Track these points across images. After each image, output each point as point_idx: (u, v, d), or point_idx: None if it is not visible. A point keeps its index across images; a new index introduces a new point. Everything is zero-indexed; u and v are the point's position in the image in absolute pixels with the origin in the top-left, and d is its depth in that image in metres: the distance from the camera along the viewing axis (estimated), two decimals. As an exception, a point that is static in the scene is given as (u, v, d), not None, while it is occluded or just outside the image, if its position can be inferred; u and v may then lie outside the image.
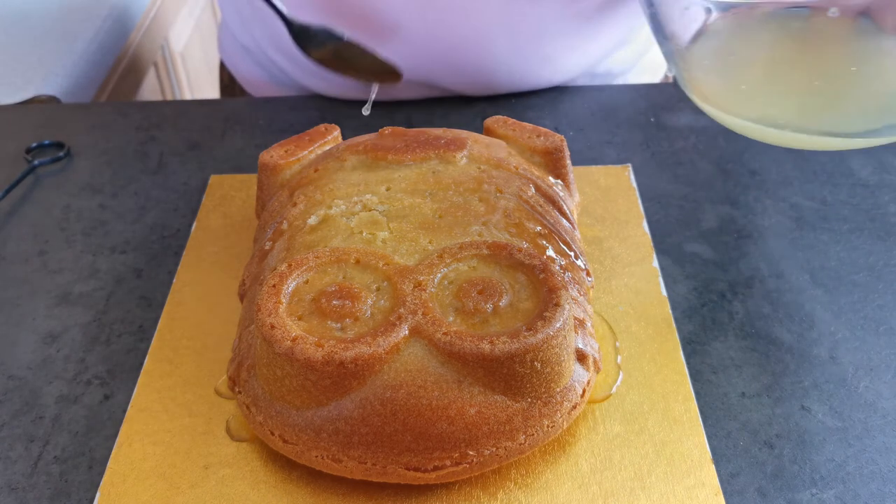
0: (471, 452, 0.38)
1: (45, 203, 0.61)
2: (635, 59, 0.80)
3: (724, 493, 0.40)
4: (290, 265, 0.42)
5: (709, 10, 0.43)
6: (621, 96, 0.71)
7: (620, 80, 0.81)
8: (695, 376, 0.46)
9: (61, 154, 0.65)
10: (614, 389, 0.44)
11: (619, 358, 0.46)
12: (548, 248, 0.45)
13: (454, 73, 0.69)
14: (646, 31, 0.76)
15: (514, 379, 0.38)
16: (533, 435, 0.39)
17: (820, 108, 0.44)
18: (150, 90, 1.14)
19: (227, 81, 0.87)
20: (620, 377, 0.45)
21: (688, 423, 0.43)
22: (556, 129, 0.67)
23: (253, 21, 0.74)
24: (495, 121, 0.53)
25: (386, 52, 0.68)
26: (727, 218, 0.57)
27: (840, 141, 0.44)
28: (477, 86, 0.70)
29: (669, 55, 0.47)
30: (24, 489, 0.41)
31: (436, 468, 0.38)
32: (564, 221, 0.48)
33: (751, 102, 0.45)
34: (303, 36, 0.49)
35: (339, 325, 0.39)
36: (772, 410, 0.44)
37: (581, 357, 0.41)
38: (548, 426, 0.39)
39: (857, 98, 0.44)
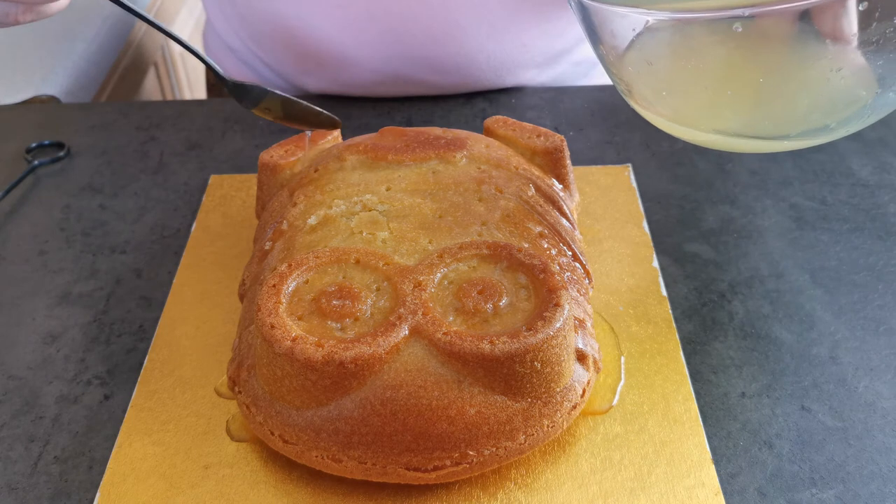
0: (471, 452, 0.38)
1: (45, 203, 0.61)
2: None
3: (724, 493, 0.40)
4: (290, 265, 0.42)
5: (647, 21, 0.42)
6: (622, 96, 0.71)
7: None
8: (695, 376, 0.46)
9: (61, 154, 0.65)
10: (616, 397, 0.44)
11: (622, 360, 0.46)
12: (548, 248, 0.45)
13: (433, 67, 0.69)
14: None
15: (514, 379, 0.38)
16: (533, 435, 0.39)
17: (752, 112, 0.44)
18: (150, 90, 1.15)
19: (214, 81, 0.87)
20: (622, 381, 0.45)
21: (688, 423, 0.43)
22: (556, 129, 0.67)
23: (237, 20, 0.74)
24: (495, 121, 0.53)
25: (362, 47, 0.69)
26: (727, 218, 0.57)
27: (769, 143, 0.44)
28: (460, 79, 0.70)
29: (602, 60, 0.46)
30: (24, 489, 0.41)
31: (436, 468, 0.38)
32: (564, 221, 0.48)
33: (681, 107, 0.45)
34: (239, 92, 0.51)
35: (339, 325, 0.39)
36: (772, 410, 0.44)
37: (581, 357, 0.41)
38: (548, 426, 0.39)
39: (791, 101, 0.43)
